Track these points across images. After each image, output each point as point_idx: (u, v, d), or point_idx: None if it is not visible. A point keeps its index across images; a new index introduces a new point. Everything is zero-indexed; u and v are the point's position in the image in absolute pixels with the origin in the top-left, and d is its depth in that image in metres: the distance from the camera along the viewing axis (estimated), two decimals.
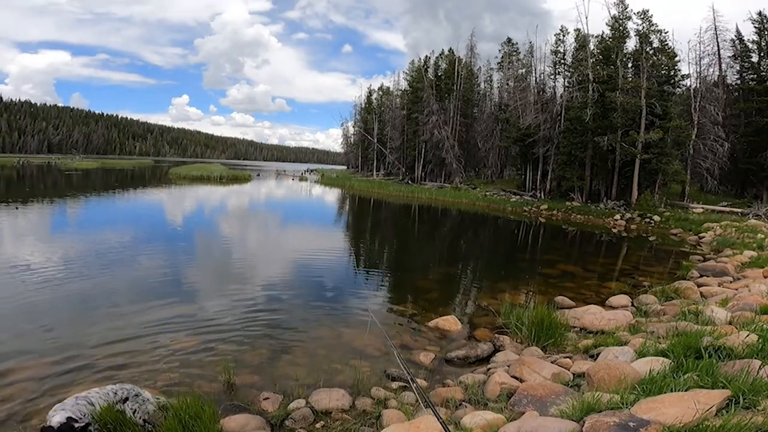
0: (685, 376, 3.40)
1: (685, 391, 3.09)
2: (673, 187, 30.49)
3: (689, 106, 29.25)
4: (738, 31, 31.83)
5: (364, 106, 65.65)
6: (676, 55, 29.12)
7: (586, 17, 31.47)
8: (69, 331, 6.13)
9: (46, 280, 8.53)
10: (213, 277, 9.95)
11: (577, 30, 32.86)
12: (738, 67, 32.15)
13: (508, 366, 5.10)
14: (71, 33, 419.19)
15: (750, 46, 31.18)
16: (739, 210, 25.18)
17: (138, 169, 71.60)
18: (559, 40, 34.21)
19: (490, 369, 5.28)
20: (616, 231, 22.13)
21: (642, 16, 28.45)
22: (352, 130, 72.24)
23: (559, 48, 34.30)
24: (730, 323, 5.37)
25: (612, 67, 28.95)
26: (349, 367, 5.37)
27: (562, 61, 34.30)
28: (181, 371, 5.10)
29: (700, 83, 30.63)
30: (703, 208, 26.20)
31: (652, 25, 28.34)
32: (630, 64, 29.66)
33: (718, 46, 31.87)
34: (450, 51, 48.31)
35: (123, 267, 10.10)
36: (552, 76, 36.30)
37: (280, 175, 73.59)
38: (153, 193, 33.14)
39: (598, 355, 5.09)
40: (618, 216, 25.42)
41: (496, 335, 6.44)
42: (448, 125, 43.37)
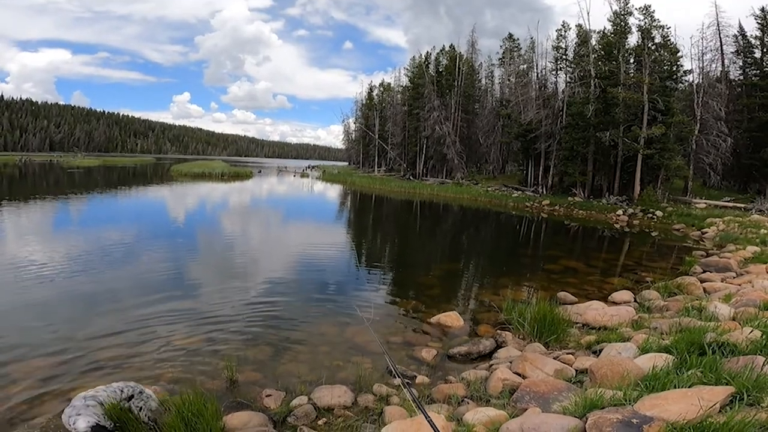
0: (689, 373, 3.39)
1: (689, 387, 3.08)
2: (675, 183, 30.37)
3: (692, 102, 29.11)
4: (741, 27, 31.68)
5: (365, 102, 65.52)
6: (678, 51, 28.98)
7: (588, 13, 31.32)
8: (71, 328, 6.14)
9: (49, 276, 8.56)
10: (215, 274, 9.95)
11: (579, 26, 32.70)
12: (741, 63, 31.99)
13: (511, 362, 5.09)
14: (71, 31, 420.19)
15: (753, 41, 31.03)
16: (742, 205, 25.10)
17: (140, 166, 71.69)
18: (561, 35, 34.15)
19: (492, 365, 5.27)
20: (618, 226, 22.06)
21: (644, 12, 28.27)
22: (353, 127, 72.17)
23: (560, 43, 34.24)
24: (734, 319, 5.35)
25: (614, 62, 28.81)
26: (351, 364, 5.37)
27: (564, 56, 34.22)
28: (184, 368, 5.11)
29: (702, 79, 30.51)
30: (705, 203, 26.12)
31: (654, 20, 28.16)
32: (632, 60, 29.48)
33: (721, 42, 31.71)
34: (451, 47, 48.20)
35: (125, 264, 10.12)
36: (553, 72, 36.31)
37: (281, 171, 73.59)
38: (155, 191, 33.17)
39: (600, 351, 5.09)
40: (620, 211, 25.35)
41: (499, 331, 6.42)
42: (449, 121, 43.29)
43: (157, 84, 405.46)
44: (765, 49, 30.31)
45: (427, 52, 49.37)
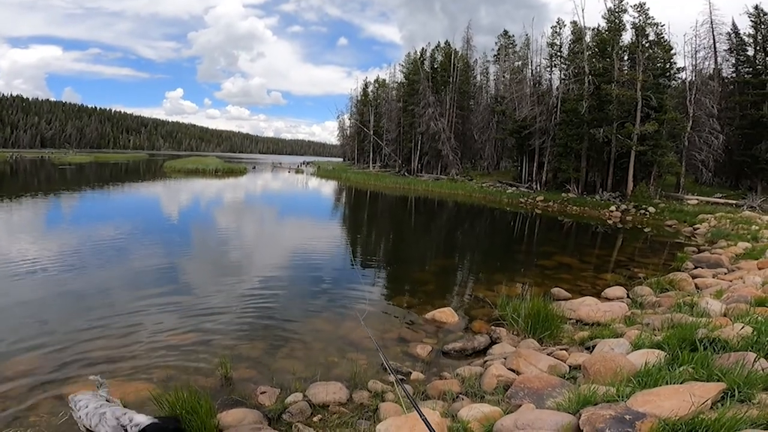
0: (681, 369, 3.42)
1: (681, 383, 3.10)
2: (668, 179, 30.57)
3: (685, 99, 29.28)
4: (734, 25, 31.83)
5: (360, 98, 65.30)
6: (671, 48, 29.13)
7: (583, 10, 31.64)
8: (64, 326, 6.09)
9: (41, 273, 8.50)
10: (209, 271, 9.91)
11: (574, 23, 32.84)
12: (734, 61, 32.14)
13: (505, 358, 5.11)
14: (62, 28, 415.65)
15: (746, 39, 31.17)
16: (734, 201, 25.30)
17: (132, 162, 71.14)
18: (556, 32, 34.23)
19: (486, 361, 5.29)
20: (611, 222, 22.19)
21: (638, 9, 28.41)
22: (348, 123, 71.99)
23: (555, 40, 34.32)
24: (725, 315, 5.39)
25: (608, 59, 28.90)
26: (346, 360, 5.38)
27: (559, 53, 34.29)
28: (178, 366, 5.09)
29: (695, 76, 30.68)
30: (697, 199, 26.31)
31: (648, 18, 28.32)
32: (626, 57, 29.63)
33: (714, 40, 31.83)
34: (446, 43, 48.14)
35: (119, 261, 10.06)
36: (548, 69, 36.37)
37: (275, 167, 73.32)
38: (148, 187, 32.96)
39: (594, 347, 5.11)
40: (613, 207, 25.50)
41: (493, 327, 6.44)
42: (444, 117, 43.28)
43: (150, 80, 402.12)
44: (758, 47, 30.47)
45: (422, 49, 49.46)
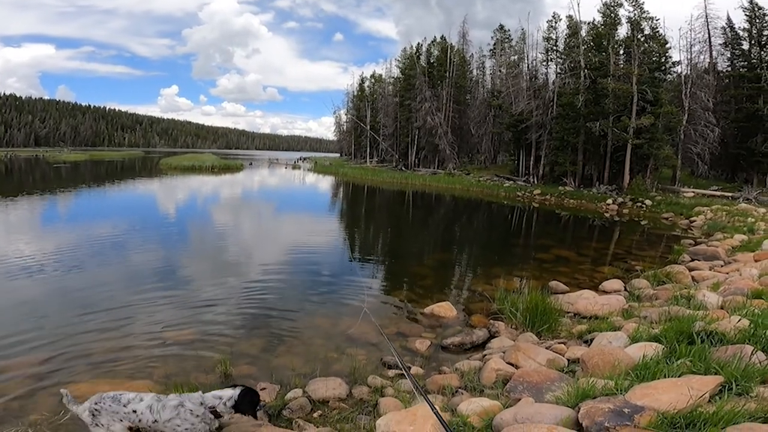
0: (678, 362, 3.43)
1: (679, 377, 3.12)
2: (664, 172, 30.65)
3: (680, 93, 29.35)
4: (729, 19, 31.87)
5: (356, 93, 65.10)
6: (667, 42, 29.23)
7: (578, 4, 31.32)
8: (63, 323, 6.08)
9: (40, 271, 8.48)
10: (208, 268, 9.89)
11: (570, 17, 32.72)
12: (729, 55, 32.20)
13: (504, 352, 5.13)
14: (55, 26, 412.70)
15: (741, 33, 31.23)
16: (730, 194, 25.39)
17: (128, 160, 70.77)
18: (552, 26, 34.17)
19: (485, 355, 5.31)
20: (608, 215, 22.26)
21: (633, 3, 28.44)
22: (344, 118, 71.83)
23: (551, 35, 34.26)
24: (722, 308, 5.41)
25: (604, 53, 28.92)
26: (346, 356, 5.39)
27: (555, 47, 34.23)
28: (177, 362, 5.10)
29: (690, 70, 30.71)
30: (693, 192, 26.40)
31: (644, 12, 28.37)
32: (622, 51, 29.63)
33: (709, 34, 31.88)
34: (442, 38, 48.04)
35: (117, 259, 10.04)
36: (544, 63, 36.31)
37: (272, 163, 73.17)
38: (145, 185, 32.83)
39: (592, 340, 5.14)
40: (610, 200, 25.57)
41: (491, 321, 6.46)
42: (441, 112, 43.21)
43: (145, 78, 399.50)
44: (752, 41, 30.51)
45: (419, 44, 49.24)
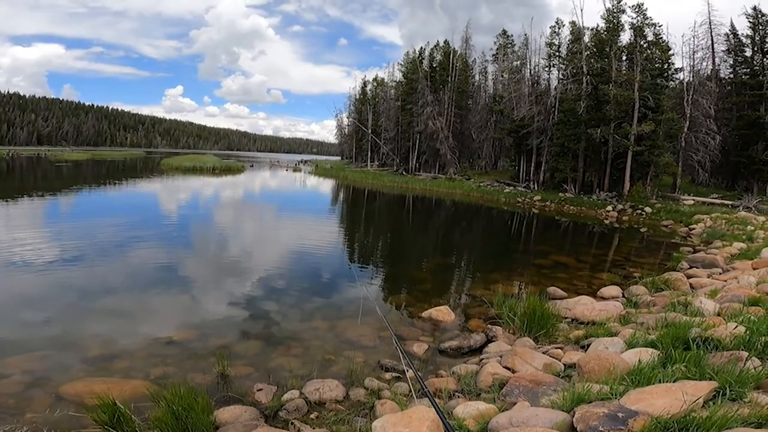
0: (674, 368, 3.45)
1: (673, 382, 3.13)
2: (664, 179, 30.64)
3: (682, 99, 29.35)
4: (732, 26, 31.84)
5: (358, 97, 65.12)
6: (669, 49, 29.14)
7: (581, 10, 31.50)
8: (61, 322, 6.11)
9: (39, 271, 8.48)
10: (206, 269, 9.92)
11: (572, 23, 32.82)
12: (731, 61, 32.16)
13: (501, 356, 5.14)
14: (66, 26, 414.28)
15: (744, 40, 31.23)
16: (730, 202, 25.39)
17: (129, 160, 70.93)
18: (554, 32, 34.21)
19: (482, 359, 5.32)
20: (608, 222, 22.27)
21: (636, 10, 28.41)
22: (346, 121, 71.78)
23: (554, 40, 34.29)
24: (719, 315, 5.43)
25: (606, 59, 28.93)
26: (343, 358, 5.39)
27: (557, 53, 34.26)
28: (174, 362, 5.11)
29: (693, 77, 30.70)
30: (693, 200, 26.40)
31: (647, 18, 28.32)
32: (624, 57, 29.64)
33: (712, 40, 31.87)
34: (445, 42, 48.02)
35: (116, 259, 10.04)
36: (546, 69, 36.30)
37: (273, 165, 73.21)
38: (145, 185, 32.89)
39: (588, 345, 5.14)
40: (610, 207, 25.57)
41: (489, 326, 6.47)
42: (442, 116, 43.26)
43: (151, 78, 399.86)
44: (756, 48, 30.50)
45: (421, 48, 49.32)
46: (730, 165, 31.22)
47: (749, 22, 30.47)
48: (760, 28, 30.05)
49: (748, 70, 30.79)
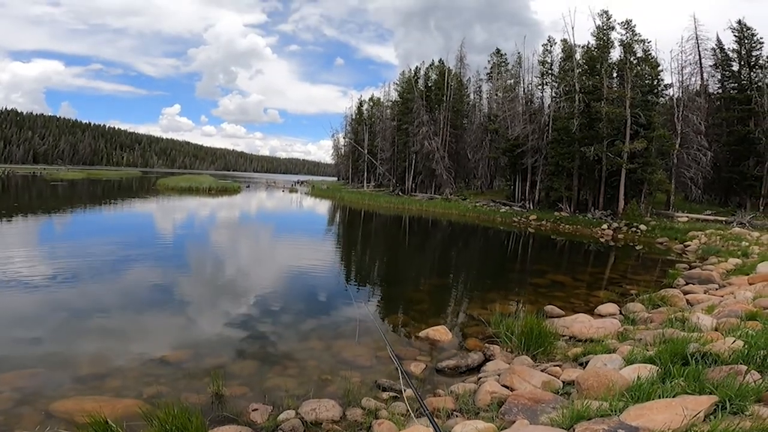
0: (673, 383, 3.43)
1: (673, 397, 3.12)
2: (658, 197, 30.88)
3: (672, 116, 29.70)
4: (719, 40, 32.23)
5: (354, 117, 65.65)
6: (658, 65, 29.54)
7: (573, 27, 31.87)
8: (54, 341, 6.03)
9: (33, 291, 8.38)
10: (202, 289, 9.84)
11: (564, 40, 33.31)
12: (719, 76, 32.61)
13: (499, 375, 5.10)
14: (65, 43, 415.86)
15: (730, 54, 31.65)
16: (723, 218, 25.57)
17: (125, 180, 70.98)
18: (547, 50, 34.66)
19: (480, 378, 5.27)
20: (603, 240, 22.33)
21: (626, 26, 28.92)
22: (342, 142, 72.30)
23: (546, 58, 34.71)
24: (716, 330, 5.43)
25: (597, 77, 29.34)
26: (340, 378, 5.33)
27: (550, 71, 34.73)
28: (168, 382, 5.03)
29: (682, 92, 31.10)
30: (687, 216, 26.57)
31: (636, 35, 28.79)
32: (614, 74, 30.06)
33: (700, 56, 32.33)
34: (440, 62, 48.73)
35: (110, 278, 9.97)
36: (540, 87, 36.72)
37: (270, 186, 73.32)
38: (140, 205, 32.82)
39: (587, 363, 5.12)
40: (605, 226, 25.68)
41: (487, 345, 6.43)
42: (438, 136, 43.62)
43: (148, 97, 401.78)
44: (742, 62, 30.90)
45: (417, 67, 49.92)
46: (723, 181, 31.48)
47: (735, 36, 31.00)
48: (746, 41, 30.54)
49: (736, 84, 31.18)
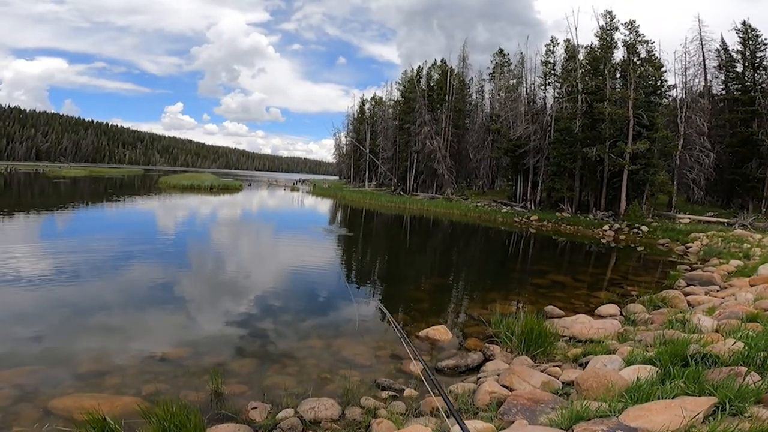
0: (672, 384, 3.42)
1: (672, 398, 3.10)
2: (660, 198, 30.82)
3: (675, 117, 29.62)
4: (723, 41, 32.14)
5: (356, 116, 65.69)
6: (662, 66, 29.43)
7: (576, 28, 31.88)
8: (53, 338, 6.03)
9: (34, 288, 8.39)
10: (202, 287, 9.85)
11: (567, 41, 33.30)
12: (723, 77, 32.47)
13: (498, 375, 5.09)
14: (69, 41, 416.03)
15: (734, 56, 31.53)
16: (725, 220, 25.51)
17: (127, 178, 71.05)
18: (549, 50, 34.63)
19: (480, 378, 5.26)
20: (605, 241, 22.30)
21: (629, 27, 28.82)
22: (344, 141, 72.34)
23: (549, 59, 34.68)
24: (717, 331, 5.41)
25: (600, 77, 29.30)
26: (339, 377, 5.33)
27: (552, 71, 34.68)
28: (167, 380, 5.03)
29: (685, 94, 31.03)
30: (689, 218, 26.51)
31: (639, 35, 28.72)
32: (618, 75, 29.99)
33: (704, 57, 32.19)
34: (442, 61, 48.71)
35: (110, 275, 9.98)
36: (542, 87, 36.72)
37: (271, 185, 73.37)
38: (142, 203, 32.88)
39: (587, 363, 5.10)
40: (607, 226, 25.64)
41: (487, 345, 6.42)
42: (440, 136, 43.60)
43: (151, 95, 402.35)
44: (746, 64, 30.73)
45: (419, 67, 49.87)
46: (725, 183, 31.38)
47: (739, 37, 30.84)
48: (750, 43, 30.37)
49: (740, 85, 31.02)
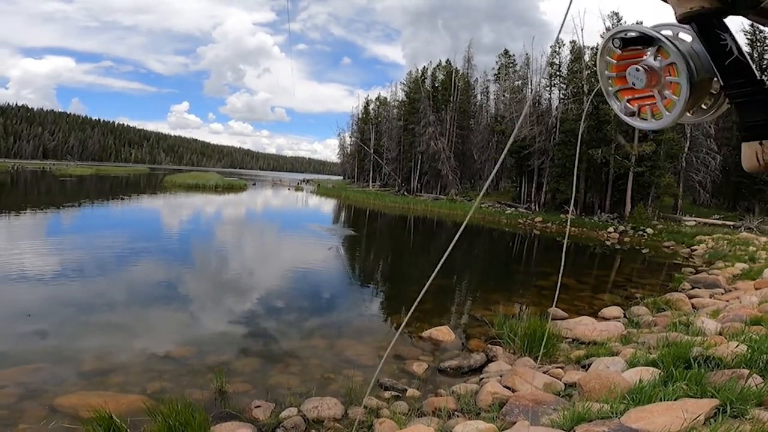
0: (674, 386, 3.43)
1: (674, 400, 3.11)
2: (665, 200, 30.69)
3: None
4: None
5: (361, 116, 65.66)
6: None
7: (582, 29, 31.85)
8: (58, 335, 6.09)
9: (39, 286, 8.47)
10: (207, 286, 9.90)
11: (573, 42, 33.24)
12: None
13: (501, 376, 5.10)
14: (77, 40, 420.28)
15: None
16: (731, 223, 25.38)
17: (133, 176, 71.43)
18: (555, 51, 34.53)
19: (482, 379, 5.27)
20: (609, 243, 22.23)
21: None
22: (348, 141, 72.32)
23: (554, 60, 34.61)
24: (720, 334, 5.41)
25: None
26: (342, 376, 5.35)
27: (558, 72, 34.60)
28: (172, 378, 5.07)
29: None
30: (695, 220, 26.40)
31: None
32: None
33: None
34: (447, 62, 48.64)
35: (116, 274, 10.05)
36: (547, 88, 36.62)
37: (276, 184, 73.53)
38: (148, 201, 33.04)
39: (589, 365, 5.11)
40: (611, 229, 25.55)
41: (489, 346, 6.43)
42: (444, 137, 43.57)
43: (157, 94, 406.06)
44: (754, 65, 30.76)
45: (424, 67, 49.89)
46: (731, 185, 31.24)
47: (747, 38, 30.67)
48: (758, 44, 30.25)
49: None
